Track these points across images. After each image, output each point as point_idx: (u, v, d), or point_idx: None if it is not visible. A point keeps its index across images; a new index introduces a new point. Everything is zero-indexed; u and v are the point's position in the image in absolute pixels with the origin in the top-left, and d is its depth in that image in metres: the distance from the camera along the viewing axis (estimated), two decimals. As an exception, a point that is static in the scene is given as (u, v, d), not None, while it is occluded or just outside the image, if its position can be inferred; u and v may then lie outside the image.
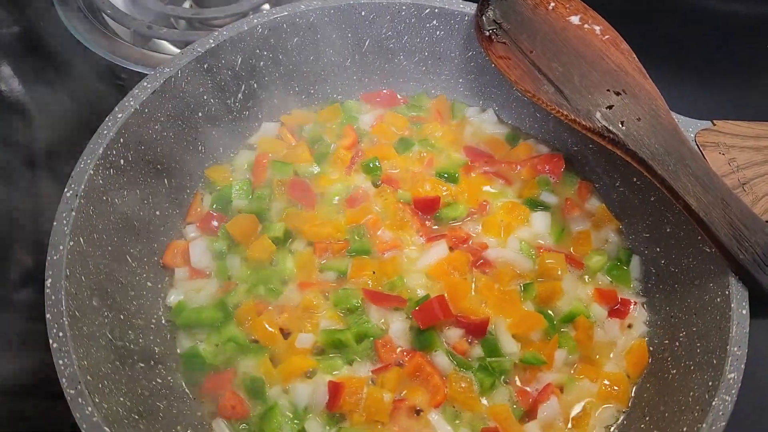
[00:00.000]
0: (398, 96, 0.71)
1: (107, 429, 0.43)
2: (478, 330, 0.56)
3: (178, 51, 0.65)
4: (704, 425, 0.46)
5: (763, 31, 0.88)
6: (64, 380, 0.44)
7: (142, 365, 0.52)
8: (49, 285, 0.48)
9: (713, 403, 0.46)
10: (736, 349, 0.48)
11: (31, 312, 0.54)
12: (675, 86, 0.63)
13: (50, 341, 0.45)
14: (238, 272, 0.59)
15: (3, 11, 0.82)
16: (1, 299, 0.59)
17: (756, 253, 0.51)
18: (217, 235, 0.61)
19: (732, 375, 0.47)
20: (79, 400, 0.44)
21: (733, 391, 0.47)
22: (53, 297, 0.47)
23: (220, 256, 0.60)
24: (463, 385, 0.54)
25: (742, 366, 0.48)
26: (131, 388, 0.49)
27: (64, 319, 0.46)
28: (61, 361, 0.45)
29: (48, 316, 0.46)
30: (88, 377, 0.45)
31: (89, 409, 0.44)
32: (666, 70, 0.64)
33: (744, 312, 0.50)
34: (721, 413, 0.46)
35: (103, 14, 0.81)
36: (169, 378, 0.53)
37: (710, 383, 0.48)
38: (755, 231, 0.52)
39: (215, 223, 0.61)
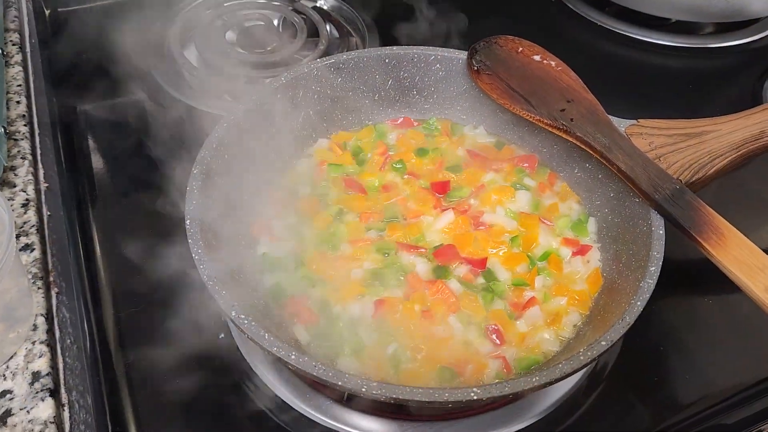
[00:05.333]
0: (413, 120, 0.97)
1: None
2: (479, 265, 0.78)
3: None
4: (635, 298, 0.67)
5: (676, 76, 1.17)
6: (205, 277, 0.66)
7: (245, 288, 0.74)
8: (188, 223, 0.70)
9: (641, 284, 0.67)
10: (655, 253, 0.70)
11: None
12: (612, 101, 0.88)
13: (189, 241, 0.68)
14: (307, 236, 0.82)
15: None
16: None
17: (666, 194, 0.74)
18: (289, 212, 0.84)
19: (652, 268, 0.69)
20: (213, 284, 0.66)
21: (654, 277, 0.68)
22: (191, 230, 0.70)
23: (293, 227, 0.83)
24: (471, 299, 0.75)
25: (660, 263, 0.69)
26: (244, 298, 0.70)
27: (199, 238, 0.69)
28: (201, 266, 0.67)
29: (187, 222, 0.70)
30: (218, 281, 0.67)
31: (224, 293, 0.65)
32: (607, 95, 0.89)
33: (660, 232, 0.72)
34: (646, 290, 0.67)
35: (190, 75, 1.09)
36: (262, 300, 0.75)
37: (639, 276, 0.69)
38: (666, 181, 0.75)
39: (288, 205, 0.85)
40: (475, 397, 0.59)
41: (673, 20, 1.28)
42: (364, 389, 0.59)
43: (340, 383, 0.59)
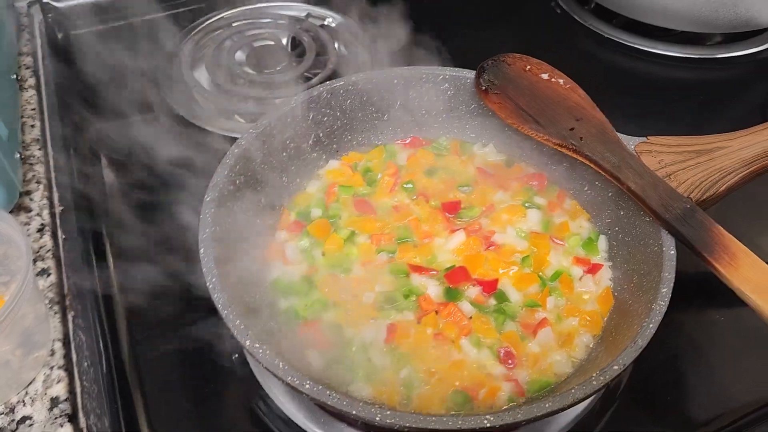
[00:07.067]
0: (422, 140, 0.97)
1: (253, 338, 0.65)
2: (490, 286, 0.79)
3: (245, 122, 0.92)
4: (647, 320, 0.67)
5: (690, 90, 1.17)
6: (219, 305, 0.67)
7: (259, 313, 0.75)
8: (202, 251, 0.71)
9: (652, 306, 0.68)
10: (666, 274, 0.70)
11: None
12: (619, 113, 0.88)
13: (204, 270, 0.69)
14: (319, 259, 0.83)
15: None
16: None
17: (677, 213, 0.74)
18: (301, 235, 0.85)
19: (664, 289, 0.69)
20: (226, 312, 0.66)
21: (666, 299, 0.68)
22: (206, 258, 0.71)
23: (305, 250, 0.83)
24: (482, 321, 0.76)
25: (671, 284, 0.69)
26: (257, 323, 0.71)
27: (213, 266, 0.70)
28: (216, 295, 0.68)
29: (201, 251, 0.70)
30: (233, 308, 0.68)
31: (238, 322, 0.66)
32: (614, 106, 0.89)
33: (672, 252, 0.72)
34: (658, 313, 0.67)
35: (200, 97, 1.10)
36: (276, 325, 0.76)
37: (650, 297, 0.69)
38: (676, 200, 0.75)
39: (300, 228, 0.86)
40: (488, 425, 0.59)
41: (679, 30, 1.28)
42: (378, 418, 0.59)
43: (354, 412, 0.60)
